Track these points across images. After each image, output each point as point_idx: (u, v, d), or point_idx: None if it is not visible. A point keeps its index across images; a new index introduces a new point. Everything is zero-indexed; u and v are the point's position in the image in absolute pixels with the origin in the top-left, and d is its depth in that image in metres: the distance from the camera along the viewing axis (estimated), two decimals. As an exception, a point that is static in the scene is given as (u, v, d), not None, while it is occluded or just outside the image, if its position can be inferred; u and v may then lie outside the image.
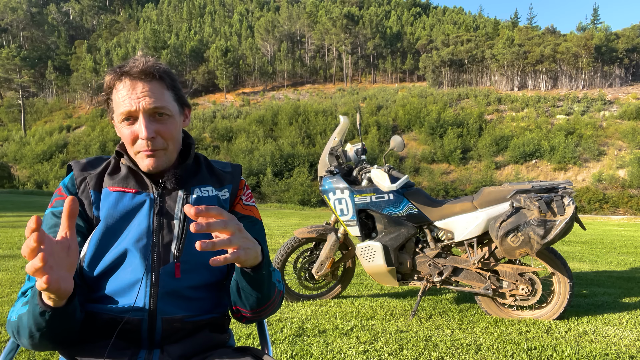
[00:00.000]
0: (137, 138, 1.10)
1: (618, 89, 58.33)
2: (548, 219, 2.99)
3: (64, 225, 0.84)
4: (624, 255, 7.54)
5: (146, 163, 1.12)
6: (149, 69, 1.09)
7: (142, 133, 1.08)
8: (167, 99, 1.12)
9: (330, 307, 3.62)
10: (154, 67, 1.10)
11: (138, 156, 1.13)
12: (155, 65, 1.10)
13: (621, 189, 37.71)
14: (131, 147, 1.13)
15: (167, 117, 1.11)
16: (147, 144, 1.09)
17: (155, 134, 1.09)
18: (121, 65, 1.11)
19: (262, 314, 1.15)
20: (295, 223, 12.11)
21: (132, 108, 1.08)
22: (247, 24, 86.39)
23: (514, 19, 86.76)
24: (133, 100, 1.08)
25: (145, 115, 1.08)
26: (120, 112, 1.10)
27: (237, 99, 65.72)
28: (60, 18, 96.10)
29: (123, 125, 1.11)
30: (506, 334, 3.03)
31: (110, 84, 1.12)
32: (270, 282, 1.08)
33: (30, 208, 13.90)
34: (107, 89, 1.13)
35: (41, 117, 68.04)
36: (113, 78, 1.11)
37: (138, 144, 1.10)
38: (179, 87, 1.17)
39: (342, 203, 3.44)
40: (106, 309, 1.08)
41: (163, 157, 1.13)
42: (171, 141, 1.13)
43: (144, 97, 1.08)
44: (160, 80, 1.11)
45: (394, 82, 73.45)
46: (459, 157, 44.95)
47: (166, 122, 1.11)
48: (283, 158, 39.83)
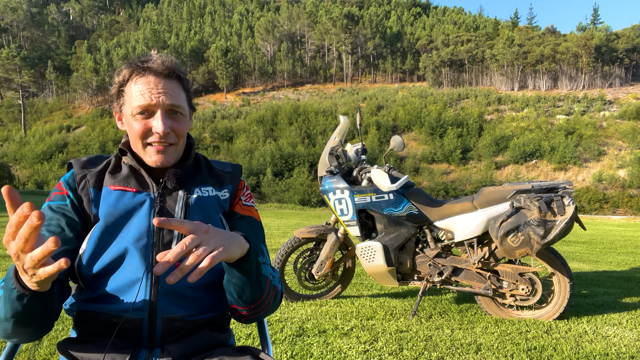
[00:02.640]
0: (149, 131, 1.11)
1: (618, 89, 58.33)
2: (548, 219, 2.99)
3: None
4: (624, 255, 7.54)
5: (155, 158, 1.12)
6: (172, 68, 1.12)
7: (159, 127, 1.09)
8: (183, 99, 1.15)
9: (330, 307, 3.62)
10: (176, 67, 1.13)
11: (147, 150, 1.13)
12: (177, 65, 1.14)
13: (621, 189, 37.71)
14: (139, 141, 1.13)
15: (181, 116, 1.14)
16: (160, 138, 1.11)
17: (169, 130, 1.12)
18: (144, 60, 1.12)
19: (258, 310, 1.14)
20: (295, 223, 12.11)
21: (152, 102, 1.09)
22: (247, 24, 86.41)
23: (514, 19, 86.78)
24: (154, 95, 1.09)
25: (163, 111, 1.11)
26: (137, 105, 1.10)
27: (237, 99, 65.73)
28: (60, 18, 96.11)
29: (136, 118, 1.11)
30: (506, 334, 3.03)
31: (128, 76, 1.12)
32: (260, 274, 1.07)
33: (30, 208, 13.88)
34: (123, 81, 1.13)
35: (41, 117, 68.06)
36: (133, 71, 1.12)
37: (150, 137, 1.12)
38: (191, 91, 1.21)
39: (342, 203, 3.44)
40: (106, 309, 1.08)
41: (173, 153, 1.15)
42: (182, 138, 1.16)
43: (165, 93, 1.10)
44: (179, 80, 1.14)
45: (394, 82, 73.46)
46: (459, 157, 44.95)
47: (180, 120, 1.14)
48: (283, 158, 39.83)
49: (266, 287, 1.11)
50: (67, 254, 1.08)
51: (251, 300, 1.10)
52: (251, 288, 1.06)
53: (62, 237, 1.08)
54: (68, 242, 1.09)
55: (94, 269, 1.08)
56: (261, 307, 1.14)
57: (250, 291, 1.07)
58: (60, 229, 1.09)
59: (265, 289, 1.11)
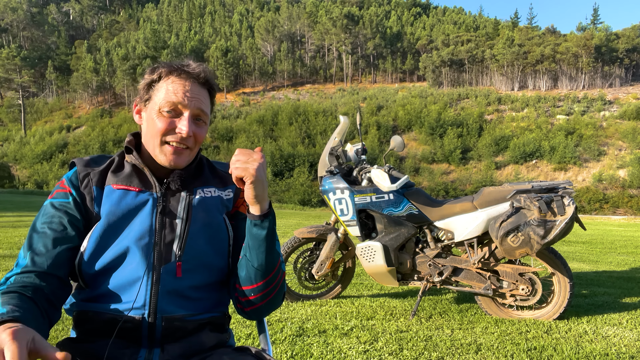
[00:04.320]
0: (172, 130, 1.12)
1: (618, 89, 58.34)
2: (548, 219, 2.99)
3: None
4: (624, 255, 7.55)
5: (170, 158, 1.13)
6: (208, 78, 1.16)
7: (184, 129, 1.11)
8: (208, 109, 1.19)
9: (330, 307, 3.62)
10: (211, 78, 1.18)
11: (164, 148, 1.13)
12: (213, 76, 1.18)
13: (621, 189, 37.73)
14: (158, 138, 1.13)
15: (203, 124, 1.17)
16: (181, 139, 1.12)
17: (192, 134, 1.13)
18: (183, 64, 1.16)
19: (268, 289, 1.15)
20: (295, 223, 12.11)
21: (184, 102, 1.11)
22: (247, 24, 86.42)
23: (514, 19, 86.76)
24: (187, 96, 1.12)
25: (191, 114, 1.13)
26: (168, 101, 1.11)
27: (237, 99, 65.75)
28: (60, 18, 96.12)
29: (162, 114, 1.12)
30: (506, 334, 3.03)
31: (164, 73, 1.14)
32: (274, 240, 1.12)
33: (30, 208, 13.90)
34: (158, 76, 1.14)
35: (41, 117, 68.07)
36: (172, 71, 1.14)
37: (171, 136, 1.12)
38: (214, 103, 1.24)
39: (342, 203, 3.44)
40: (106, 308, 1.08)
41: (187, 157, 1.16)
42: (198, 144, 1.18)
43: (196, 98, 1.13)
44: (211, 91, 1.19)
45: (394, 82, 73.46)
46: (459, 157, 44.96)
47: (201, 127, 1.17)
48: (283, 158, 39.85)
49: (277, 262, 1.15)
50: (68, 252, 1.09)
51: (265, 270, 1.12)
52: (266, 254, 1.10)
53: (64, 234, 1.09)
54: (70, 240, 1.09)
55: (95, 267, 1.09)
56: (271, 286, 1.15)
57: (265, 257, 1.10)
58: (62, 226, 1.09)
59: (277, 262, 1.14)
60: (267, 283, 1.14)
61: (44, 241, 1.07)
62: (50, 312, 1.02)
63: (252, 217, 1.09)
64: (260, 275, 1.12)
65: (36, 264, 1.04)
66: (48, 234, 1.08)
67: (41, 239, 1.07)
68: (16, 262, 1.07)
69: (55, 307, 1.04)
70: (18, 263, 1.06)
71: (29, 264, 1.04)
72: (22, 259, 1.06)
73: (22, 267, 1.04)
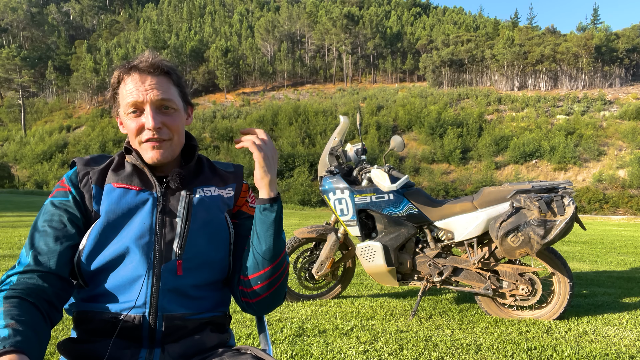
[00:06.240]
0: (142, 128, 1.12)
1: (618, 89, 58.33)
2: (548, 219, 2.99)
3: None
4: (624, 255, 7.54)
5: (151, 155, 1.13)
6: (157, 64, 1.13)
7: (148, 123, 1.10)
8: (174, 94, 1.15)
9: (330, 307, 3.62)
10: (161, 62, 1.14)
11: (143, 147, 1.14)
12: (162, 60, 1.15)
13: (621, 189, 37.72)
14: (135, 139, 1.14)
15: (172, 111, 1.14)
16: (153, 133, 1.11)
17: (161, 125, 1.12)
18: (129, 61, 1.15)
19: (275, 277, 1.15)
20: (295, 223, 12.11)
21: (139, 99, 1.10)
22: (247, 24, 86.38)
23: (514, 19, 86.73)
24: (141, 92, 1.11)
25: (153, 106, 1.11)
26: (127, 103, 1.12)
27: (237, 99, 65.73)
28: (60, 18, 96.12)
29: (129, 117, 1.13)
30: (506, 334, 3.03)
31: (118, 78, 1.14)
32: (281, 227, 1.15)
33: (30, 208, 13.90)
34: (115, 84, 1.15)
35: (41, 117, 68.06)
36: (121, 72, 1.14)
37: (144, 134, 1.12)
38: (184, 85, 1.21)
39: (342, 203, 3.44)
40: (106, 308, 1.08)
41: (168, 149, 1.14)
42: (176, 133, 1.15)
43: (152, 89, 1.11)
44: (167, 75, 1.15)
45: (394, 82, 73.44)
46: (459, 157, 44.95)
47: (172, 114, 1.14)
48: (283, 158, 39.83)
49: (283, 250, 1.17)
50: (70, 250, 1.09)
51: (272, 255, 1.13)
52: (274, 237, 1.13)
53: (64, 232, 1.09)
54: (70, 238, 1.09)
55: (94, 265, 1.09)
56: (277, 273, 1.16)
57: (272, 241, 1.12)
58: (62, 224, 1.10)
59: (283, 249, 1.16)
60: (274, 269, 1.15)
61: (45, 239, 1.08)
62: (52, 314, 1.03)
63: (262, 202, 1.13)
64: (267, 261, 1.13)
65: (38, 262, 1.05)
66: (49, 232, 1.08)
67: (42, 237, 1.08)
68: (18, 261, 1.07)
69: (57, 309, 1.05)
70: (20, 261, 1.06)
71: (31, 263, 1.05)
72: (24, 257, 1.06)
73: (24, 265, 1.05)
